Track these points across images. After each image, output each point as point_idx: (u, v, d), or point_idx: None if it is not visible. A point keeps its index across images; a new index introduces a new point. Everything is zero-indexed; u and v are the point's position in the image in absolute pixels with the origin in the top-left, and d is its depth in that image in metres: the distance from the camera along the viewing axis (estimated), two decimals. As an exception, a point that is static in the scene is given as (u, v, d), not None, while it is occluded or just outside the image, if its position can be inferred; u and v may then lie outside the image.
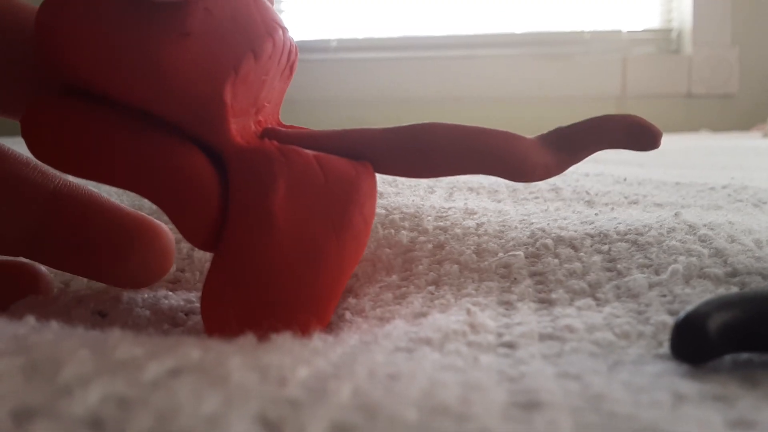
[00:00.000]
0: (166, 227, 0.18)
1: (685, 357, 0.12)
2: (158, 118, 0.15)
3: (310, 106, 1.18)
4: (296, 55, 0.17)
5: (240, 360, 0.10)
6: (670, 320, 0.15)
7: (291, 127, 0.18)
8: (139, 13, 0.14)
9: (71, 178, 0.18)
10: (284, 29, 0.16)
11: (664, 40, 1.25)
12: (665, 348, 0.14)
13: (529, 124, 1.19)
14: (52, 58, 0.15)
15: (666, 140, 0.16)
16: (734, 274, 0.18)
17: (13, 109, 0.16)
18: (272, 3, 0.17)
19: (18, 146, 0.17)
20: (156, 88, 0.14)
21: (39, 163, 0.17)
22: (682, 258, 0.18)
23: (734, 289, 0.17)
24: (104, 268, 0.18)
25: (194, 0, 0.15)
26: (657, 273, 0.18)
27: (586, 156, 0.16)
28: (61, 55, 0.14)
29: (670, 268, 0.18)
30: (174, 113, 0.15)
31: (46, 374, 0.08)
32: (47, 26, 0.14)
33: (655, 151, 0.17)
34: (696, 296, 0.16)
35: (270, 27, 0.16)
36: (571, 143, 0.16)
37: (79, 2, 0.14)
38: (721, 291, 0.17)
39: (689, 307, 0.12)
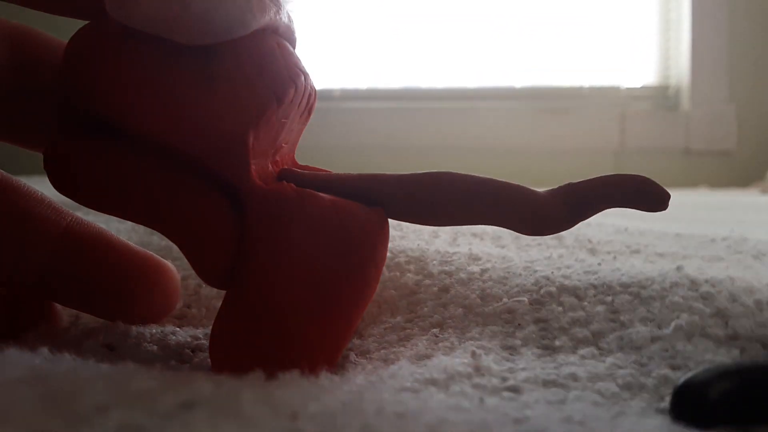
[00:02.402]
0: (171, 266, 0.19)
1: (686, 422, 0.12)
2: (178, 154, 0.15)
3: (313, 154, 1.18)
4: (315, 98, 0.17)
5: (252, 394, 0.10)
6: (672, 374, 0.15)
7: (306, 167, 0.18)
8: (168, 52, 0.15)
9: (83, 215, 0.18)
10: (306, 75, 0.17)
11: (661, 97, 1.28)
12: (666, 402, 0.14)
13: (528, 176, 1.21)
14: (78, 90, 0.15)
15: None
16: (735, 337, 0.17)
17: (35, 142, 0.17)
18: (295, 47, 0.17)
19: (35, 184, 0.18)
20: (179, 127, 0.15)
21: (53, 200, 0.18)
22: (684, 315, 0.18)
23: (735, 352, 0.17)
24: (110, 306, 0.18)
25: (223, 44, 0.15)
26: (659, 327, 0.18)
27: (595, 213, 0.17)
28: (87, 88, 0.15)
29: (672, 324, 0.18)
30: (195, 151, 0.15)
31: (66, 403, 0.09)
32: (75, 58, 0.15)
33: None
34: (697, 354, 0.16)
35: (293, 73, 0.16)
36: (580, 199, 0.16)
37: (108, 37, 0.15)
38: (723, 351, 0.17)
39: (689, 374, 0.13)
